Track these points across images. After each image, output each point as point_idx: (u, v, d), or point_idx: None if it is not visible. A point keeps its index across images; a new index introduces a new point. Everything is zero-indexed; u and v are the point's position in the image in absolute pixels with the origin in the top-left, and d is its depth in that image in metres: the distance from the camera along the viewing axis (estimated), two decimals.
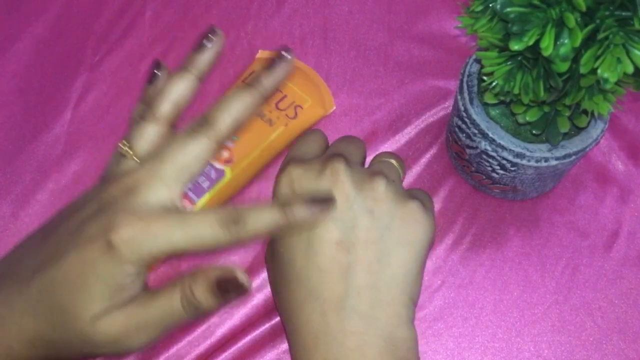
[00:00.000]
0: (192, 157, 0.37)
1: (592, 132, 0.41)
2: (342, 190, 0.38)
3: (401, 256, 0.38)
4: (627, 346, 0.45)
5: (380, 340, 0.36)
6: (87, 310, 0.35)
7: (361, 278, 0.37)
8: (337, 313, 0.37)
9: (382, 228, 0.38)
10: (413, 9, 0.55)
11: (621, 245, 0.47)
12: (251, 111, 0.39)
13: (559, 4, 0.32)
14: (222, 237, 0.36)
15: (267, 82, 0.39)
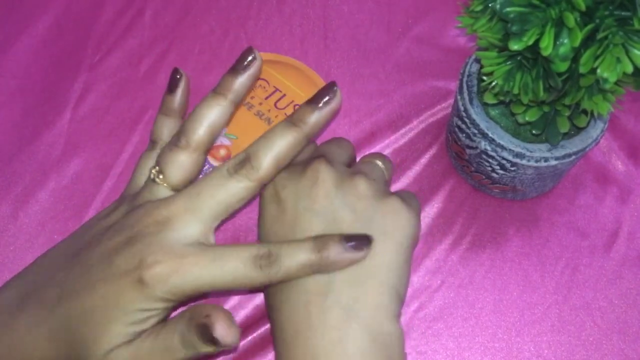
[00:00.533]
0: (231, 196, 0.37)
1: (591, 132, 0.41)
2: (322, 187, 0.38)
3: (383, 247, 0.37)
4: (627, 346, 0.44)
5: (362, 335, 0.35)
6: (101, 348, 0.35)
7: (344, 270, 0.37)
8: (319, 305, 0.36)
9: (364, 222, 0.38)
10: (413, 9, 0.55)
11: (621, 246, 0.47)
12: (295, 152, 0.39)
13: (559, 4, 0.32)
14: (255, 277, 0.36)
15: (313, 121, 0.38)
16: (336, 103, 0.39)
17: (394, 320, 0.37)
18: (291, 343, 0.36)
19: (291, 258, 0.36)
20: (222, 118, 0.39)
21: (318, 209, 0.38)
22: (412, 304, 0.46)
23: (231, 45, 0.54)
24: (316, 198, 0.38)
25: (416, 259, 0.47)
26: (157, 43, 0.54)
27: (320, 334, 0.35)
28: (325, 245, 0.36)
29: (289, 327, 0.36)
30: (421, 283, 0.46)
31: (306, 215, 0.38)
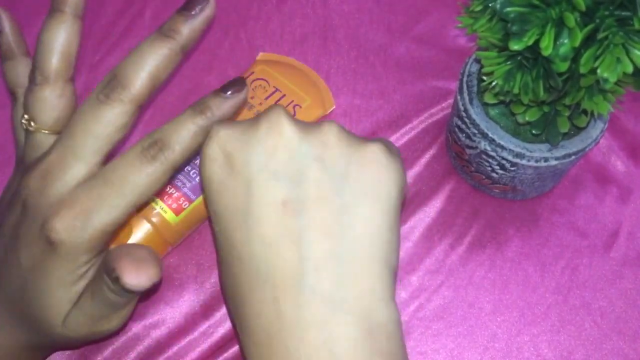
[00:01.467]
0: (107, 126, 0.33)
1: (591, 132, 0.41)
2: (280, 138, 0.31)
3: (365, 212, 0.31)
4: (627, 346, 0.45)
5: (353, 329, 0.29)
6: (56, 318, 0.34)
7: (317, 246, 0.30)
8: (292, 297, 0.29)
9: (337, 178, 0.31)
10: (413, 9, 0.55)
11: (621, 245, 0.47)
12: (170, 66, 0.34)
13: (559, 4, 0.32)
14: (156, 171, 0.33)
15: (186, 31, 0.34)
16: (210, 10, 0.34)
17: (390, 303, 0.30)
18: (264, 348, 0.30)
19: (178, 133, 0.33)
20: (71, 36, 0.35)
21: (276, 168, 0.31)
22: (412, 304, 0.46)
23: (231, 45, 0.54)
24: (274, 152, 0.31)
25: (416, 259, 0.47)
26: None
27: (299, 336, 0.29)
28: (204, 105, 0.33)
29: (258, 331, 0.30)
30: (421, 283, 0.46)
31: (262, 177, 0.31)
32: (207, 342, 0.45)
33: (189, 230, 0.46)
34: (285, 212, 0.30)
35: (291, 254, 0.30)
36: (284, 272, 0.30)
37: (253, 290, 0.30)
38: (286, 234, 0.30)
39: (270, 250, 0.30)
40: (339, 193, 0.31)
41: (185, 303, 0.46)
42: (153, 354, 0.45)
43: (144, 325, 0.45)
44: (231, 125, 0.33)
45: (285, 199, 0.30)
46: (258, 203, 0.30)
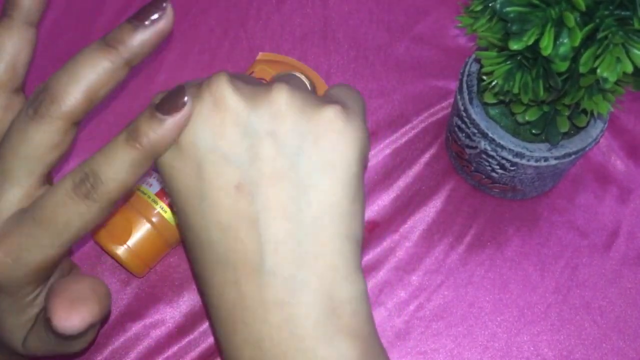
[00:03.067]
0: (37, 146, 0.29)
1: (591, 131, 0.41)
2: (226, 110, 0.29)
3: (323, 187, 0.29)
4: (627, 345, 0.45)
5: (315, 308, 0.29)
6: (15, 341, 0.33)
7: (276, 228, 0.29)
8: (252, 280, 0.29)
9: (291, 154, 0.29)
10: (413, 9, 0.55)
11: (620, 245, 0.47)
12: (111, 82, 0.29)
13: (559, 4, 0.32)
14: (89, 213, 0.29)
15: (133, 43, 0.29)
16: (165, 22, 0.29)
17: (355, 277, 0.30)
18: (228, 329, 0.30)
19: (111, 166, 0.28)
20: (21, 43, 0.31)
21: (226, 148, 0.29)
22: (412, 304, 0.46)
23: (231, 45, 0.54)
24: (222, 131, 0.29)
25: (416, 259, 0.47)
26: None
27: (261, 316, 0.29)
28: (137, 131, 0.28)
29: (222, 312, 0.30)
30: (421, 283, 0.46)
31: (211, 159, 0.29)
32: (207, 342, 0.45)
33: None
34: (239, 196, 0.29)
35: (249, 238, 0.29)
36: (243, 256, 0.29)
37: (214, 273, 0.30)
38: (242, 218, 0.29)
39: (227, 235, 0.29)
40: (294, 169, 0.29)
41: (185, 303, 0.46)
42: (153, 354, 0.45)
43: (144, 325, 0.45)
44: None
45: (238, 181, 0.29)
46: (210, 187, 0.29)
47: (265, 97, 0.30)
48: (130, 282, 0.46)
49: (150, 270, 0.46)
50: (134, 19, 0.29)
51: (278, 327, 0.29)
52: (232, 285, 0.29)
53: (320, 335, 0.29)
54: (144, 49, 0.29)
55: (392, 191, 0.49)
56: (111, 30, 0.30)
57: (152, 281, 0.46)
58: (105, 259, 0.47)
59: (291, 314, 0.29)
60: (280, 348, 0.29)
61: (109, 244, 0.43)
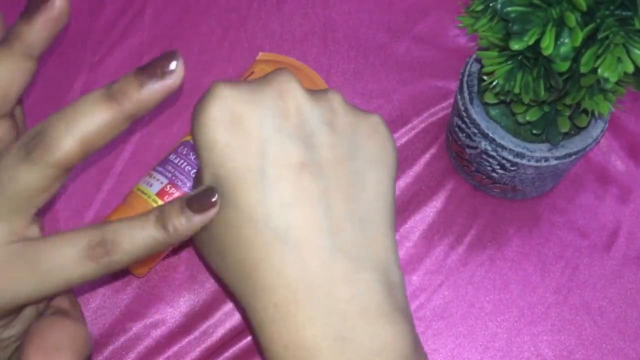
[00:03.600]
0: (24, 186, 0.28)
1: (592, 131, 0.41)
2: (292, 98, 0.31)
3: (376, 176, 0.31)
4: (627, 345, 0.45)
5: (377, 285, 0.30)
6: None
7: (338, 208, 0.30)
8: (317, 255, 0.29)
9: (347, 144, 0.31)
10: (413, 9, 0.55)
11: (621, 245, 0.47)
12: (110, 134, 0.29)
13: (560, 4, 0.32)
14: (91, 273, 0.29)
15: (138, 97, 0.29)
16: (174, 80, 0.29)
17: (398, 264, 0.32)
18: (288, 309, 0.29)
19: (133, 243, 0.29)
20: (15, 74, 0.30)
21: (291, 130, 0.30)
22: (412, 304, 0.46)
23: (231, 45, 0.54)
24: (287, 115, 0.30)
25: (416, 259, 0.47)
26: (157, 43, 0.54)
27: (327, 291, 0.29)
28: (166, 220, 0.29)
29: (280, 292, 0.29)
30: (421, 283, 0.46)
31: (277, 138, 0.30)
32: (207, 342, 0.45)
33: None
34: (303, 174, 0.30)
35: (312, 215, 0.30)
36: (307, 231, 0.29)
37: (271, 250, 0.29)
38: (305, 195, 0.30)
39: (290, 210, 0.30)
40: (351, 157, 0.31)
41: (185, 303, 0.46)
42: (153, 354, 0.45)
43: (144, 325, 0.45)
44: (236, 86, 0.31)
45: (302, 160, 0.30)
46: (275, 164, 0.30)
47: (323, 96, 0.32)
48: (130, 282, 0.46)
49: (150, 270, 0.46)
50: (142, 73, 0.28)
51: (344, 302, 0.29)
52: (294, 262, 0.29)
53: (385, 311, 0.29)
54: (149, 105, 0.29)
55: None
56: (117, 80, 0.29)
57: (152, 281, 0.46)
58: None
59: (358, 289, 0.29)
60: (348, 322, 0.29)
61: None
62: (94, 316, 0.45)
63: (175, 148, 0.46)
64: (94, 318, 0.45)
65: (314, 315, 0.29)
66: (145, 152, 0.50)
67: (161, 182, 0.44)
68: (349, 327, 0.29)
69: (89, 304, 0.46)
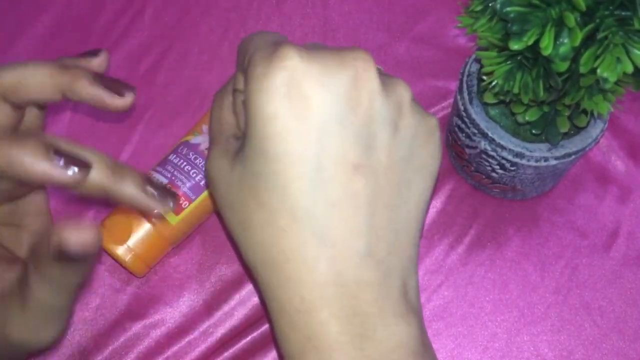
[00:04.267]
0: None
1: (591, 131, 0.41)
2: (366, 89, 0.29)
3: (419, 187, 0.32)
4: (627, 345, 0.45)
5: (396, 291, 0.31)
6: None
7: (381, 216, 0.30)
8: (350, 259, 0.30)
9: (405, 149, 0.31)
10: (413, 9, 0.55)
11: (621, 245, 0.47)
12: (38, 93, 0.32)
13: (559, 4, 0.32)
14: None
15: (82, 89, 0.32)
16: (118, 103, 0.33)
17: (416, 268, 0.33)
18: (314, 304, 0.30)
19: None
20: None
21: (355, 125, 0.29)
22: None
23: (231, 45, 0.54)
24: (356, 106, 0.29)
25: None
26: (157, 43, 0.54)
27: (354, 293, 0.30)
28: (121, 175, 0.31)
29: (308, 287, 0.30)
30: (421, 283, 0.46)
31: (338, 131, 0.29)
32: (207, 342, 0.45)
33: (189, 230, 0.46)
34: (355, 176, 0.29)
35: (354, 218, 0.30)
36: (344, 234, 0.30)
37: (306, 245, 0.30)
38: (352, 198, 0.30)
39: (334, 211, 0.29)
40: (405, 165, 0.31)
41: (185, 303, 0.46)
42: (153, 354, 0.45)
43: (144, 325, 0.45)
44: (310, 57, 0.29)
45: (358, 162, 0.29)
46: (330, 159, 0.29)
47: (393, 89, 0.31)
48: (130, 282, 0.46)
49: (150, 270, 0.46)
50: (100, 79, 0.32)
51: (367, 304, 0.30)
52: (325, 261, 0.30)
53: (400, 312, 0.31)
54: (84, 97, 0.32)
55: None
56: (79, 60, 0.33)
57: (152, 281, 0.46)
58: (105, 259, 0.47)
59: (380, 293, 0.31)
60: (370, 322, 0.30)
61: (109, 243, 0.43)
62: (94, 316, 0.45)
63: (175, 148, 0.46)
64: (94, 318, 0.45)
65: (339, 313, 0.30)
66: (145, 152, 0.50)
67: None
68: (369, 326, 0.30)
69: (89, 304, 0.46)
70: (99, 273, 0.47)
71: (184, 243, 0.47)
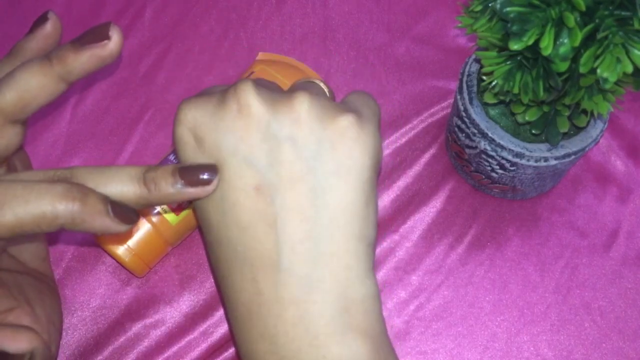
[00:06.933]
0: None
1: (591, 131, 0.41)
2: (249, 116, 0.30)
3: (339, 190, 0.31)
4: (626, 345, 0.45)
5: (329, 307, 0.30)
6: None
7: (293, 229, 0.30)
8: (269, 278, 0.30)
9: (309, 158, 0.31)
10: (413, 9, 0.55)
11: (620, 245, 0.47)
12: (46, 93, 0.31)
13: (559, 4, 0.32)
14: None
15: (71, 61, 0.31)
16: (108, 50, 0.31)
17: (367, 278, 0.31)
18: (245, 323, 0.31)
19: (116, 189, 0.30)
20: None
21: (248, 152, 0.30)
22: (412, 304, 0.46)
23: (231, 45, 0.54)
24: (244, 135, 0.30)
25: (416, 259, 0.47)
26: (157, 43, 0.54)
27: (277, 313, 0.30)
28: (154, 177, 0.31)
29: (239, 307, 0.31)
30: (421, 283, 0.46)
31: (233, 162, 0.30)
32: (207, 342, 0.45)
33: (189, 230, 0.46)
34: (258, 197, 0.30)
35: (267, 237, 0.30)
36: (261, 254, 0.30)
37: (233, 270, 0.31)
38: (261, 218, 0.30)
39: (246, 234, 0.30)
40: (312, 173, 0.31)
41: (185, 303, 0.46)
42: (153, 354, 0.45)
43: (144, 325, 0.45)
44: (199, 105, 0.32)
45: (258, 183, 0.30)
46: (231, 188, 0.31)
47: (286, 105, 0.31)
48: (130, 282, 0.46)
49: (150, 270, 0.46)
50: (76, 41, 0.31)
51: (293, 324, 0.30)
52: (249, 282, 0.31)
53: (333, 332, 0.30)
54: (80, 68, 0.31)
55: (392, 191, 0.49)
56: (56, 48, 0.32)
57: (152, 281, 0.46)
58: (105, 259, 0.47)
59: (306, 311, 0.30)
60: (294, 344, 0.30)
61: (109, 244, 0.43)
62: (94, 316, 0.46)
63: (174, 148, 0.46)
64: (94, 318, 0.45)
65: (263, 332, 0.30)
66: (145, 152, 0.50)
67: None
68: (294, 347, 0.30)
69: (89, 304, 0.46)
70: (99, 273, 0.47)
71: (184, 243, 0.47)
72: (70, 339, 0.45)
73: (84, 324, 0.45)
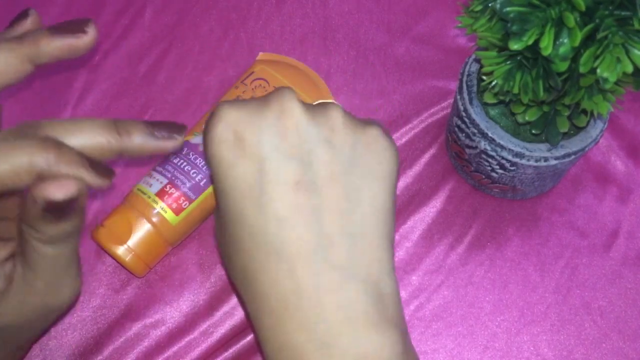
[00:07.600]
0: None
1: (591, 131, 0.41)
2: (291, 118, 0.32)
3: (372, 191, 0.33)
4: (626, 345, 0.45)
5: (364, 296, 0.31)
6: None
7: (331, 223, 0.32)
8: (308, 268, 0.31)
9: (344, 161, 0.33)
10: (413, 9, 0.55)
11: (620, 245, 0.47)
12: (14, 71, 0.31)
13: (559, 4, 0.32)
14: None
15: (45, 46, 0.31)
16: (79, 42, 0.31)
17: (393, 274, 0.33)
18: (280, 316, 0.32)
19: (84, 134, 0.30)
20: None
21: (288, 149, 0.32)
22: (412, 304, 0.46)
23: (231, 45, 0.54)
24: (285, 134, 0.32)
25: (416, 259, 0.47)
26: (157, 43, 0.54)
27: (315, 301, 0.31)
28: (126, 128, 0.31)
29: (273, 300, 0.32)
30: (421, 283, 0.46)
31: (274, 157, 0.32)
32: (207, 342, 0.45)
33: (189, 230, 0.46)
34: (298, 191, 0.32)
35: (305, 230, 0.32)
36: (298, 246, 0.31)
37: (267, 262, 0.32)
38: (300, 212, 0.32)
39: (284, 226, 0.32)
40: (347, 174, 0.33)
41: (185, 303, 0.46)
42: (153, 354, 0.45)
43: (144, 325, 0.45)
44: (239, 106, 0.34)
45: (297, 179, 0.32)
46: (271, 182, 0.32)
47: (323, 113, 0.33)
48: (130, 282, 0.46)
49: (150, 270, 0.46)
50: (53, 28, 0.31)
51: (332, 311, 0.31)
52: (286, 274, 0.31)
53: (372, 320, 0.31)
54: (50, 53, 0.31)
55: None
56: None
57: (152, 281, 0.46)
58: (105, 259, 0.47)
59: (345, 298, 0.31)
60: (335, 329, 0.31)
61: (109, 243, 0.43)
62: (94, 316, 0.46)
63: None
64: (94, 318, 0.45)
65: (302, 322, 0.31)
66: None
67: (161, 182, 0.44)
68: (335, 333, 0.31)
69: (89, 304, 0.46)
70: (99, 273, 0.47)
71: (184, 243, 0.47)
72: (70, 339, 0.45)
73: (84, 324, 0.45)
